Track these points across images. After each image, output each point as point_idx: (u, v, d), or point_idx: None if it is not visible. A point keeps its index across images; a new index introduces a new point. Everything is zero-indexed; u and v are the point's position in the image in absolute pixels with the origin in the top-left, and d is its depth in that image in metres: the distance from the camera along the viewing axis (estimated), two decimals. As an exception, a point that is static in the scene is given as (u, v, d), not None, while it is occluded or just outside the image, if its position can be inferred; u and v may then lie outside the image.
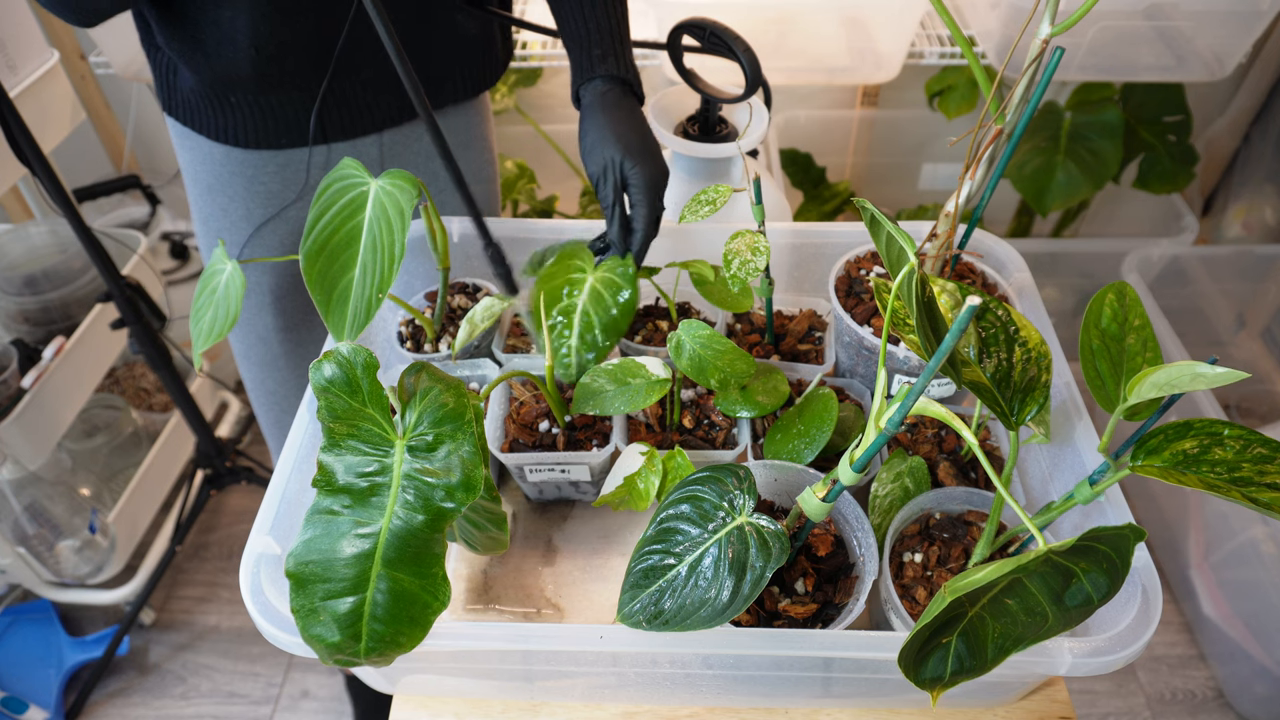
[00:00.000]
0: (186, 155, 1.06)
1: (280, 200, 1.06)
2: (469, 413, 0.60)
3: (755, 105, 1.05)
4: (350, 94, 1.00)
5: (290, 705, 1.68)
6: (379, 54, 0.97)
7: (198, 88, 0.96)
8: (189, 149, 1.05)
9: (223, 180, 1.04)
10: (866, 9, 1.55)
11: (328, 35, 0.93)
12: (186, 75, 0.96)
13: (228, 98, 0.96)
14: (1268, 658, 1.54)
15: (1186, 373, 0.50)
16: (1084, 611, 0.53)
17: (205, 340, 0.83)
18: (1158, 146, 1.87)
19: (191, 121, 1.01)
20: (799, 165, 2.01)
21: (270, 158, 1.03)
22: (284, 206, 1.06)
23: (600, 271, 0.79)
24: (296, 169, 1.04)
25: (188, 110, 1.00)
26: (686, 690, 0.76)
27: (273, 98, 0.97)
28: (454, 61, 1.05)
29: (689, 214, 0.79)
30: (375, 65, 0.98)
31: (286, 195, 1.06)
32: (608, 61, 0.88)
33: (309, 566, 0.56)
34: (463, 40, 1.03)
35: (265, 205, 1.06)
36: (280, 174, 1.04)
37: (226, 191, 1.05)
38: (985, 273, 0.91)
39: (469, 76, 1.08)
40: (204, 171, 1.05)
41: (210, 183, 1.05)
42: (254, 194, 1.05)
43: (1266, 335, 2.01)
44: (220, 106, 0.98)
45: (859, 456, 0.57)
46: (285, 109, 0.98)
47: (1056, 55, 0.64)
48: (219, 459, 1.70)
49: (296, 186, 1.05)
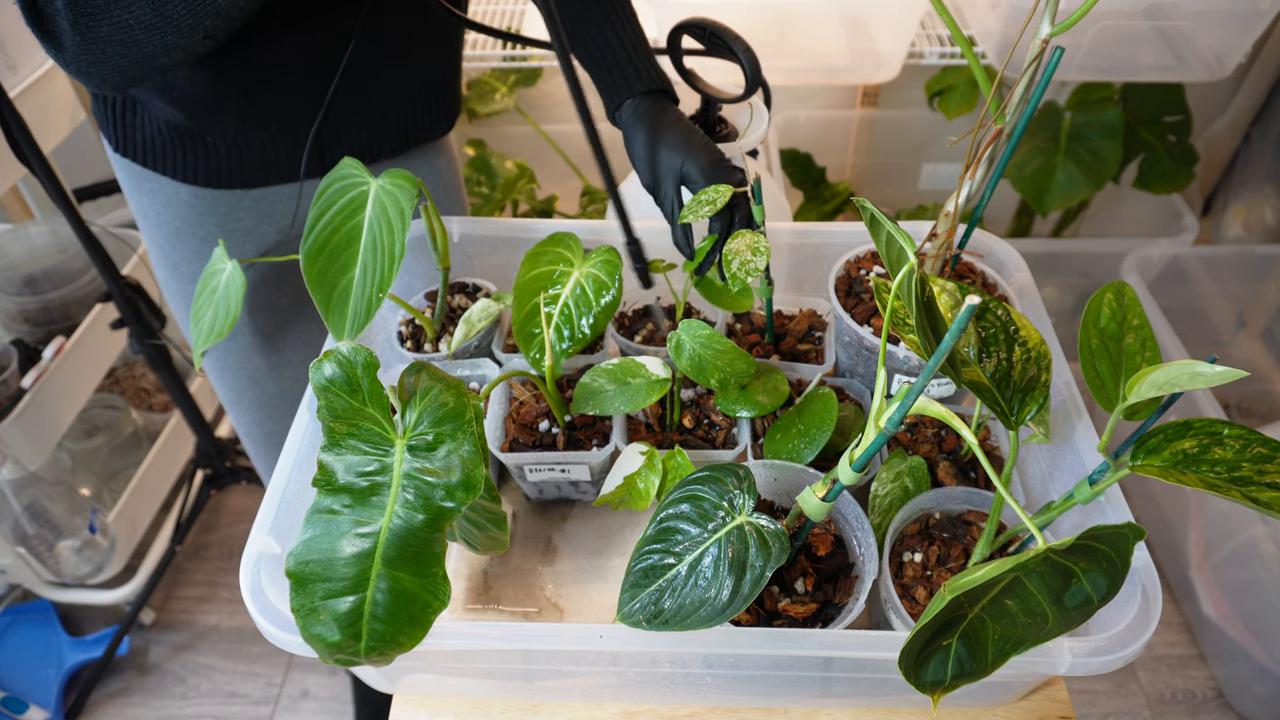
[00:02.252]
0: (145, 200, 0.99)
1: (258, 236, 1.02)
2: (469, 412, 0.60)
3: (755, 105, 1.05)
4: (334, 134, 0.97)
5: (290, 705, 1.68)
6: (364, 96, 0.96)
7: (165, 126, 0.91)
8: (148, 193, 0.98)
9: (191, 222, 0.99)
10: (866, 9, 1.55)
11: (317, 76, 0.90)
12: (152, 113, 0.91)
13: (203, 137, 0.92)
14: (1268, 658, 1.54)
15: (1186, 372, 0.50)
16: (1084, 612, 0.53)
17: (205, 340, 0.83)
18: (1158, 146, 1.87)
19: (153, 163, 0.95)
20: (799, 165, 2.01)
21: (245, 194, 0.99)
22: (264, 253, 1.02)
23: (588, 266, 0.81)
24: (272, 202, 1.00)
25: (149, 151, 0.94)
26: (686, 690, 0.76)
27: (255, 136, 0.93)
28: (427, 103, 1.04)
29: (689, 214, 0.79)
30: (358, 105, 0.97)
31: (263, 230, 1.02)
32: (642, 77, 0.89)
33: (309, 566, 0.56)
34: (434, 83, 1.03)
35: (243, 242, 1.02)
36: (255, 208, 1.00)
37: (198, 234, 1.00)
38: (985, 273, 0.91)
39: (439, 116, 1.07)
40: (169, 215, 0.99)
41: (178, 226, 0.99)
42: (229, 232, 1.00)
43: (1266, 335, 2.01)
44: (193, 145, 0.93)
45: (859, 456, 0.57)
46: (265, 147, 0.95)
47: (1056, 55, 0.64)
48: (219, 459, 1.70)
49: (273, 220, 1.02)
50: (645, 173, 0.85)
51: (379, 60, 0.94)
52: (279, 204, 1.01)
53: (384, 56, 0.95)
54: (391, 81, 0.98)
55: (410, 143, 1.06)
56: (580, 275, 0.82)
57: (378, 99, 0.98)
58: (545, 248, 0.84)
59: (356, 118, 0.98)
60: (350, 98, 0.95)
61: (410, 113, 1.03)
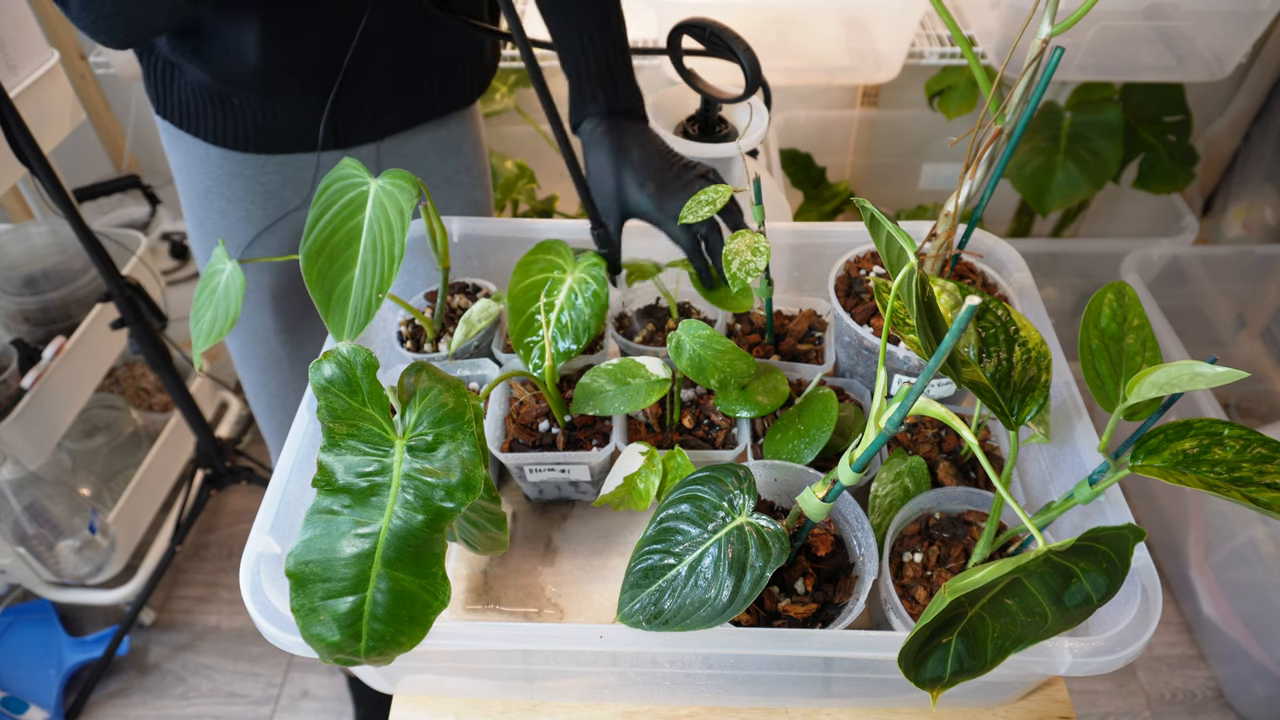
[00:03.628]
0: (180, 158, 1.05)
1: (280, 200, 1.05)
2: (469, 413, 0.60)
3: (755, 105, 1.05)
4: (356, 104, 0.99)
5: (290, 705, 1.68)
6: (386, 66, 0.97)
7: (198, 89, 0.96)
8: (183, 152, 1.03)
9: (220, 183, 1.03)
10: (866, 9, 1.55)
11: (336, 48, 0.93)
12: (186, 77, 0.95)
13: (231, 100, 0.96)
14: (1268, 658, 1.54)
15: (1186, 372, 0.50)
16: (1084, 611, 0.53)
17: (205, 340, 0.83)
18: (1158, 146, 1.87)
19: (188, 124, 1.00)
20: (799, 165, 2.01)
21: (270, 159, 1.02)
22: (287, 212, 1.06)
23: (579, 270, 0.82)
24: (297, 168, 1.04)
25: (184, 112, 0.99)
26: (686, 690, 0.76)
27: (279, 103, 0.97)
28: (449, 72, 1.05)
29: (689, 214, 0.79)
30: (382, 78, 0.98)
31: (286, 195, 1.05)
32: (599, 98, 0.89)
33: (309, 566, 0.56)
34: (457, 50, 1.04)
35: (265, 206, 1.05)
36: (280, 173, 1.03)
37: (224, 194, 1.04)
38: (985, 273, 0.91)
39: (463, 85, 1.08)
40: (200, 174, 1.04)
41: (208, 186, 1.04)
42: (253, 195, 1.04)
43: (1266, 335, 2.01)
44: (222, 108, 0.97)
45: (859, 456, 0.57)
46: (291, 114, 0.98)
47: (1056, 55, 0.64)
48: (219, 459, 1.70)
49: (297, 185, 1.05)
50: (596, 198, 0.87)
51: (396, 29, 0.95)
52: (302, 171, 1.04)
53: (402, 25, 0.96)
54: (412, 51, 0.99)
55: (435, 113, 1.07)
56: (573, 280, 0.82)
57: (398, 68, 0.99)
58: (535, 256, 0.85)
59: (379, 88, 0.99)
60: (371, 68, 0.96)
61: (432, 82, 1.04)
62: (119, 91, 2.01)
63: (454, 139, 1.12)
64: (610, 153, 0.86)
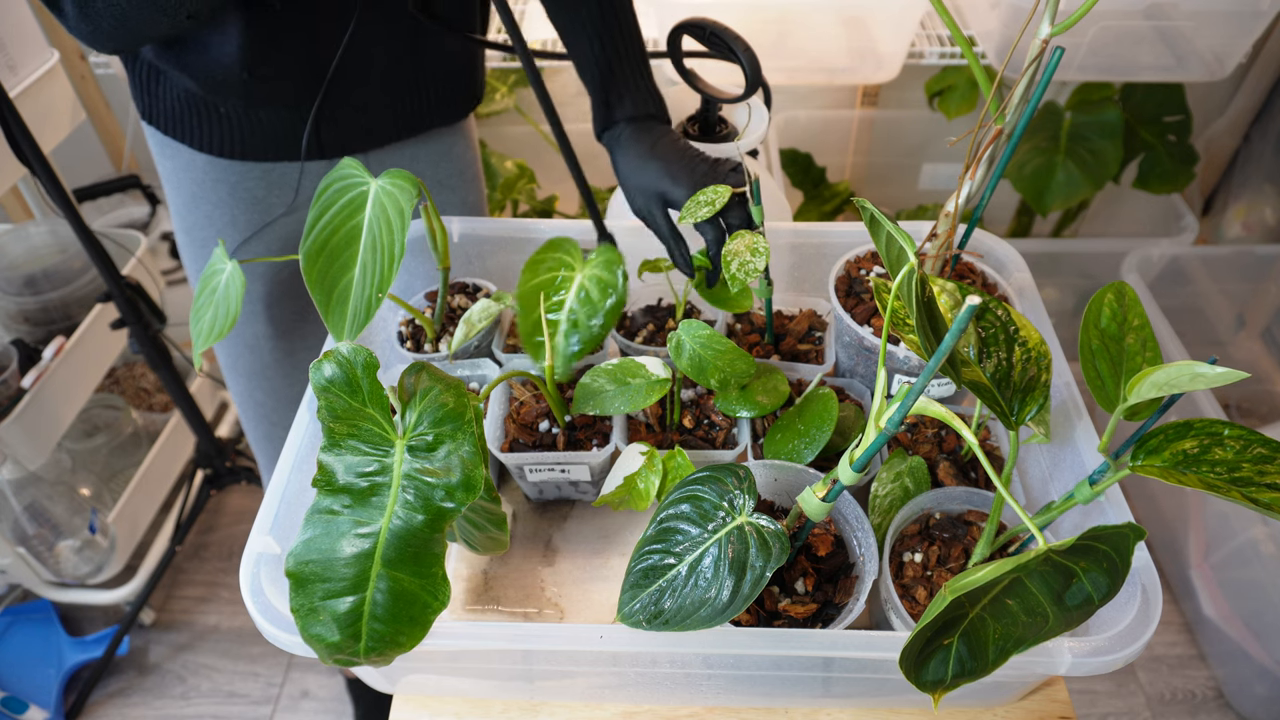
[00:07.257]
0: (167, 164, 1.04)
1: (266, 206, 1.05)
2: (469, 413, 0.60)
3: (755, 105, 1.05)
4: (342, 114, 0.99)
5: (290, 705, 1.68)
6: (372, 78, 0.97)
7: (184, 96, 0.95)
8: (169, 158, 1.03)
9: (205, 189, 1.03)
10: (866, 9, 1.55)
11: (321, 58, 0.92)
12: (171, 83, 0.95)
13: (216, 108, 0.95)
14: (1268, 658, 1.54)
15: (1186, 372, 0.50)
16: (1084, 611, 0.53)
17: (205, 340, 0.83)
18: (1158, 146, 1.87)
19: (173, 130, 0.99)
20: (799, 165, 2.01)
21: (255, 165, 1.01)
22: (270, 220, 1.05)
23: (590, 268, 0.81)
24: (281, 174, 1.03)
25: (170, 119, 0.98)
26: (686, 690, 0.76)
27: (263, 112, 0.96)
28: (443, 88, 1.04)
29: (689, 214, 0.79)
30: (368, 88, 0.98)
31: (272, 201, 1.04)
32: (625, 103, 0.89)
33: (309, 566, 0.56)
34: (451, 67, 1.04)
35: (250, 212, 1.04)
36: (265, 179, 1.03)
37: (210, 199, 1.03)
38: (985, 273, 0.91)
39: (455, 99, 1.08)
40: (186, 180, 1.03)
41: (194, 192, 1.03)
42: (238, 200, 1.03)
43: (1266, 335, 2.01)
44: (207, 115, 0.96)
45: (859, 456, 0.57)
46: (275, 123, 0.97)
47: (1056, 55, 0.64)
48: (219, 459, 1.70)
49: (282, 192, 1.04)
50: (632, 201, 0.87)
51: (386, 43, 0.95)
52: (288, 177, 1.04)
53: (391, 39, 0.95)
54: (402, 65, 0.98)
55: (424, 126, 1.07)
56: (583, 278, 0.81)
57: (388, 82, 0.99)
58: (544, 255, 0.84)
59: (366, 100, 0.99)
60: (359, 80, 0.96)
61: (423, 96, 1.03)
62: (119, 91, 2.01)
63: (445, 143, 1.11)
64: (644, 148, 0.87)
